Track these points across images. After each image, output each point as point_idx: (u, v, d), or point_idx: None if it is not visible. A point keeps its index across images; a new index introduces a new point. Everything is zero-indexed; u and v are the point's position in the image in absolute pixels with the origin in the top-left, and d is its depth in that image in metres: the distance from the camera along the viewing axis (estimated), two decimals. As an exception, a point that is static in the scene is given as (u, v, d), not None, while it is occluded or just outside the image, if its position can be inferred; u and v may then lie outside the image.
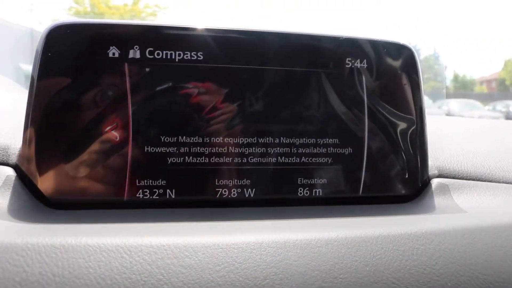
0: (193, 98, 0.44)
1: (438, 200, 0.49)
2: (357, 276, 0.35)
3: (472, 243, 0.39)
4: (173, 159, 0.43)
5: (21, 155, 0.42)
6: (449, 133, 0.70)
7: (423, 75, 0.51)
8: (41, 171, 0.41)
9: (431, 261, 0.37)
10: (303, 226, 0.39)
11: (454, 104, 16.64)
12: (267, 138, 0.45)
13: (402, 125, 0.49)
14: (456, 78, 38.14)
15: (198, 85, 0.44)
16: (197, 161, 0.44)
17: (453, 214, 0.45)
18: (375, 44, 0.48)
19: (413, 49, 0.50)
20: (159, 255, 0.33)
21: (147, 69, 0.43)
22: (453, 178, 0.51)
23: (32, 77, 0.41)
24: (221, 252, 0.34)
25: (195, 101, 0.44)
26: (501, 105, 17.09)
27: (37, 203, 0.41)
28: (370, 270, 0.35)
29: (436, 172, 0.52)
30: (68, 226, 0.36)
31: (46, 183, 0.41)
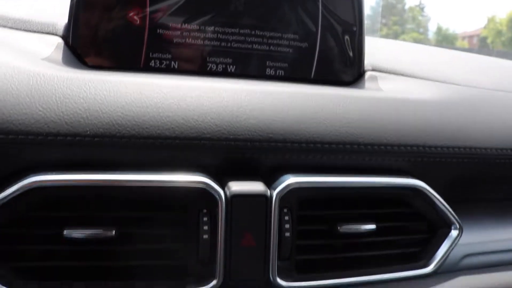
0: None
1: (369, 85, 0.67)
2: (298, 114, 0.54)
3: (380, 107, 0.59)
4: (177, 40, 0.61)
5: (66, 28, 0.59)
6: (389, 48, 0.88)
7: (405, 25, 0.68)
8: (81, 41, 0.58)
9: (348, 113, 0.56)
10: (267, 85, 0.58)
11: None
12: (246, 30, 0.63)
13: (346, 28, 0.66)
14: (439, 31, 38.28)
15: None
16: (195, 42, 0.61)
17: (375, 91, 0.64)
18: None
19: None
20: (165, 89, 0.51)
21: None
22: (382, 72, 0.70)
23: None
24: (210, 90, 0.52)
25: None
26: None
27: (79, 63, 0.58)
28: (307, 112, 0.54)
29: (370, 67, 0.70)
30: (103, 72, 0.53)
31: (84, 49, 0.58)
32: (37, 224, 0.49)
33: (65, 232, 0.47)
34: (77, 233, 0.47)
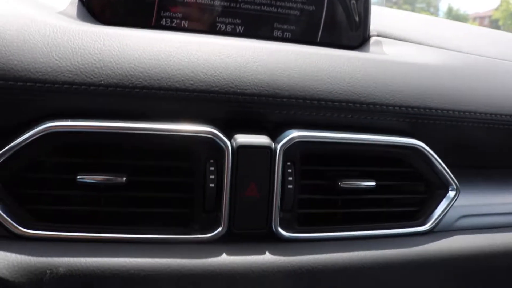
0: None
1: (373, 49, 0.69)
2: (304, 72, 0.56)
3: (383, 69, 0.60)
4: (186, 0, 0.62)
5: None
6: (395, 16, 0.89)
7: (415, 4, 0.69)
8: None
9: (352, 73, 0.58)
10: (275, 44, 0.59)
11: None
12: (255, -8, 0.64)
13: (353, -7, 0.68)
14: (450, 11, 37.78)
15: None
16: (205, 2, 0.63)
17: (379, 54, 0.66)
18: None
19: None
20: (176, 44, 0.53)
21: None
22: (387, 37, 0.71)
23: None
24: (219, 46, 0.54)
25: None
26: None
27: (93, 19, 0.59)
28: (313, 70, 0.56)
29: (375, 33, 0.71)
30: (116, 27, 0.55)
31: (98, 6, 0.60)
32: (52, 170, 0.51)
33: (78, 177, 0.50)
34: (90, 179, 0.50)
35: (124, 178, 0.50)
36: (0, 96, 0.48)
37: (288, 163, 0.54)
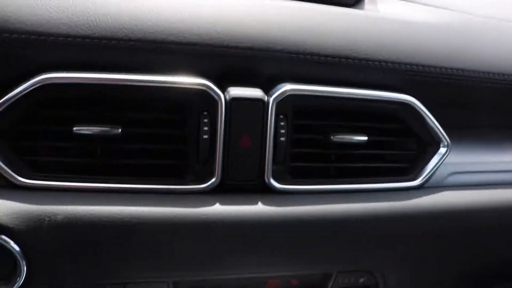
0: None
1: (368, 7, 0.69)
2: (298, 27, 0.56)
3: (377, 26, 0.61)
4: None
5: None
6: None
7: None
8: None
9: (346, 29, 0.58)
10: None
11: None
12: None
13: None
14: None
15: None
16: None
17: (374, 12, 0.66)
18: None
19: None
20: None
21: None
22: None
23: None
24: (213, 1, 0.55)
25: None
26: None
27: None
28: (307, 25, 0.57)
29: None
30: None
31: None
32: (49, 122, 0.52)
33: (74, 129, 0.51)
34: (86, 130, 0.51)
35: (120, 130, 0.51)
36: None
37: (281, 116, 0.54)
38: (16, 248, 0.48)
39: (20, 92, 0.49)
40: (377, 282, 0.64)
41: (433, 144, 0.64)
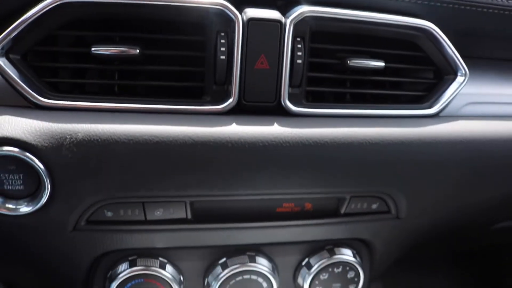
0: None
1: None
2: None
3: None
4: None
5: None
6: None
7: None
8: None
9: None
10: None
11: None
12: None
13: None
14: None
15: None
16: None
17: None
18: None
19: None
20: None
21: None
22: None
23: None
24: None
25: None
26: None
27: None
28: None
29: None
30: None
31: None
32: (68, 43, 0.53)
33: (92, 49, 0.51)
34: (104, 50, 0.51)
35: (137, 51, 0.51)
36: None
37: (298, 39, 0.54)
38: (41, 165, 0.49)
39: (37, 12, 0.49)
40: (389, 208, 0.65)
41: (451, 72, 0.63)
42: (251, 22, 0.52)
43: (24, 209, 0.52)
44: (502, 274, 1.22)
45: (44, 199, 0.51)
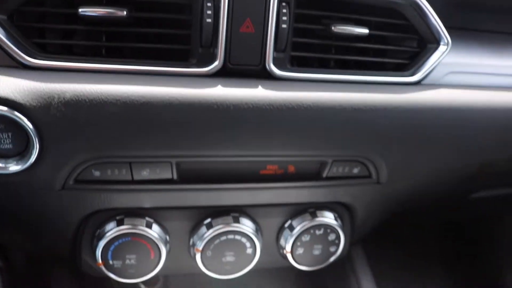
0: None
1: None
2: None
3: None
4: None
5: None
6: None
7: None
8: None
9: None
10: None
11: None
12: None
13: None
14: None
15: None
16: None
17: None
18: None
19: None
20: None
21: None
22: None
23: None
24: None
25: None
26: None
27: None
28: None
29: None
30: None
31: None
32: (55, 3, 0.53)
33: (80, 10, 0.51)
34: (91, 11, 0.52)
35: (125, 13, 0.52)
36: None
37: (283, 4, 0.55)
38: (30, 125, 0.50)
39: None
40: (370, 173, 0.67)
41: (434, 41, 0.64)
42: None
43: (13, 167, 0.53)
44: (478, 250, 1.27)
45: (33, 158, 0.52)
